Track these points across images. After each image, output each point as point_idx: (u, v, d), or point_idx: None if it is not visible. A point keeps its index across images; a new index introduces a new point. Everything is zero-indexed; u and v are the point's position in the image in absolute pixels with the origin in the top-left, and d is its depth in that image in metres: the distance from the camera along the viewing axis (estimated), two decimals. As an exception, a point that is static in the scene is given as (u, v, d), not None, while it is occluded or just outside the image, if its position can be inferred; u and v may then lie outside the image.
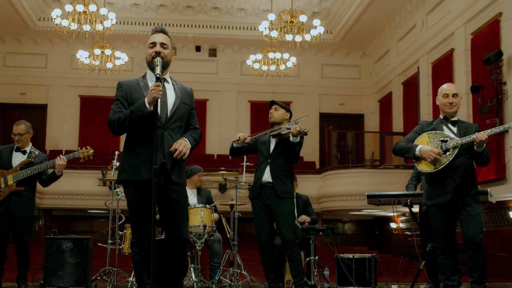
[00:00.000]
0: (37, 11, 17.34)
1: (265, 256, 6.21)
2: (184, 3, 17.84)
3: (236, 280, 7.78)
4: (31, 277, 7.37)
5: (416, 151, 5.41)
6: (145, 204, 4.32)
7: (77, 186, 15.90)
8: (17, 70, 18.70)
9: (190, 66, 18.70)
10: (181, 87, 4.66)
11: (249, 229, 17.37)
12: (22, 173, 6.89)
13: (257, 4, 17.73)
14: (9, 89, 18.68)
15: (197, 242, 7.37)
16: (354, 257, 7.74)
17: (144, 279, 4.38)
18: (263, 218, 6.18)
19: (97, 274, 7.97)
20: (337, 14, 17.61)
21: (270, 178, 6.14)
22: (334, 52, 19.61)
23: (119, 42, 18.34)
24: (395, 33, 17.30)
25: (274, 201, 6.11)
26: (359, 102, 19.90)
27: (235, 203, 8.17)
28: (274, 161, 6.19)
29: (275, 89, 18.76)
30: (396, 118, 17.42)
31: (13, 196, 6.90)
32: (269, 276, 6.25)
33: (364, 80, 19.84)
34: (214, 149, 18.90)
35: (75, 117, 18.99)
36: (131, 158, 4.43)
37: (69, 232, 10.89)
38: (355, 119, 20.14)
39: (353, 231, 19.78)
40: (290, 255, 6.10)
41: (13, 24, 17.38)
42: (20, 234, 6.98)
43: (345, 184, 15.80)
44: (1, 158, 7.05)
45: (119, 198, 8.00)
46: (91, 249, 7.13)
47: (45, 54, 19.00)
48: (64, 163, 6.92)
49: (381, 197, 7.05)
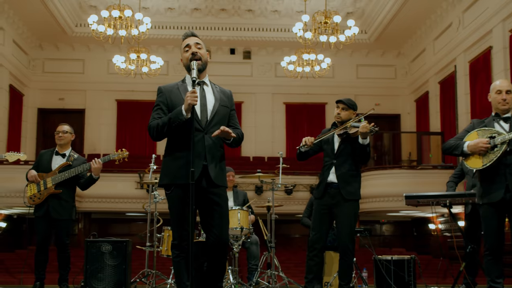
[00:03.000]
0: (74, 17, 17.62)
1: (310, 256, 6.17)
2: (218, 6, 17.91)
3: (273, 282, 7.77)
4: (72, 279, 7.47)
5: (464, 147, 5.33)
6: (186, 206, 4.33)
7: (115, 189, 16.08)
8: (55, 76, 19.03)
9: (225, 69, 18.75)
10: (220, 89, 4.68)
11: (286, 231, 17.36)
12: (60, 176, 7.00)
13: (291, 6, 17.71)
14: (48, 94, 19.01)
15: (235, 244, 7.39)
16: (392, 259, 7.64)
17: (184, 281, 4.40)
18: (322, 219, 6.15)
19: (136, 277, 8.04)
20: (371, 14, 17.49)
21: (335, 179, 6.07)
22: (369, 52, 19.48)
23: (154, 47, 18.49)
24: (431, 32, 17.09)
25: (338, 203, 6.06)
26: (395, 102, 19.72)
27: (272, 205, 8.16)
28: (339, 161, 6.11)
29: (310, 90, 18.71)
30: (433, 117, 17.21)
31: (52, 199, 7.01)
32: (308, 276, 6.20)
33: (400, 80, 19.66)
34: (250, 151, 18.91)
35: (112, 121, 19.22)
36: (172, 161, 4.47)
37: (108, 235, 11.03)
38: (391, 120, 19.94)
39: (390, 233, 19.60)
40: (343, 257, 6.08)
41: (51, 31, 17.71)
42: (60, 237, 7.09)
43: (382, 185, 15.65)
44: (41, 162, 7.19)
45: (156, 201, 8.05)
46: (130, 252, 7.19)
47: (82, 60, 19.28)
48: (100, 166, 7.01)
49: (419, 198, 6.96)
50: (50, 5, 15.91)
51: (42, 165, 7.16)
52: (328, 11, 13.79)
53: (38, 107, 19.06)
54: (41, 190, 6.99)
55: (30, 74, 18.80)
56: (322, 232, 6.17)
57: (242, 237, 7.41)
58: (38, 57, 19.05)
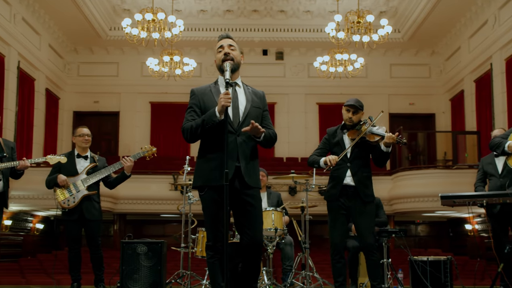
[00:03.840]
0: (108, 21, 17.83)
1: (336, 258, 6.12)
2: (250, 8, 17.93)
3: (308, 283, 7.76)
4: (108, 280, 7.55)
5: (505, 146, 5.24)
6: (220, 208, 4.36)
7: (150, 191, 16.19)
8: (90, 79, 19.28)
9: (258, 70, 18.76)
10: (252, 90, 4.69)
11: (320, 232, 17.30)
12: (91, 178, 7.11)
13: (323, 6, 17.64)
14: (83, 97, 19.26)
15: (269, 245, 7.39)
16: (428, 260, 7.56)
17: (218, 282, 4.41)
18: (340, 221, 6.11)
19: (171, 278, 8.08)
20: (405, 12, 17.33)
21: (352, 181, 6.04)
22: (402, 52, 19.31)
23: (187, 49, 18.60)
24: (465, 30, 16.86)
25: (356, 204, 6.04)
26: (430, 102, 19.50)
27: (306, 206, 8.14)
28: (354, 164, 6.07)
29: (343, 90, 18.61)
30: (469, 116, 16.97)
31: (85, 201, 7.12)
32: (338, 279, 6.15)
33: (435, 78, 19.44)
34: (283, 152, 18.89)
35: (146, 123, 19.38)
36: (205, 163, 4.50)
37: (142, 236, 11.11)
38: (426, 119, 19.74)
39: (426, 233, 19.39)
40: (370, 258, 6.05)
41: (85, 35, 17.95)
42: (93, 238, 7.19)
43: (417, 185, 15.49)
44: (64, 166, 7.21)
45: (191, 202, 8.09)
46: (165, 253, 7.24)
47: (117, 63, 19.49)
48: (132, 164, 7.15)
49: (455, 198, 6.86)
50: (85, 10, 16.13)
51: (66, 169, 7.21)
52: (361, 11, 13.71)
53: (73, 110, 19.33)
54: (73, 194, 7.07)
55: (66, 77, 19.07)
56: (342, 233, 6.16)
57: (276, 238, 7.40)
58: (73, 61, 19.31)
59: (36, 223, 17.22)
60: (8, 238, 15.44)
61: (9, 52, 14.71)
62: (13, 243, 15.87)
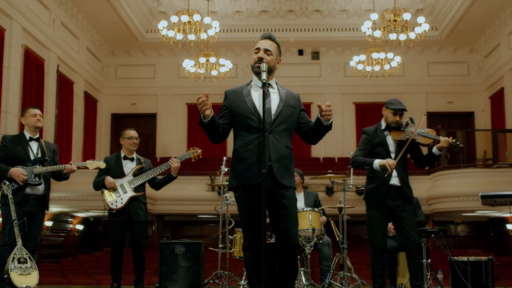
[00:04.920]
0: (145, 24, 18.01)
1: (377, 260, 6.09)
2: (286, 8, 17.91)
3: (346, 283, 7.71)
4: (147, 281, 7.62)
5: None
6: (255, 208, 4.34)
7: (187, 192, 16.29)
8: (127, 82, 19.50)
9: (293, 70, 18.74)
10: (286, 91, 4.67)
11: (358, 232, 17.18)
12: (138, 179, 7.19)
13: (359, 5, 17.53)
14: (120, 100, 19.49)
15: (306, 246, 7.36)
16: (469, 260, 7.44)
17: (256, 282, 4.41)
18: (382, 221, 6.10)
19: (209, 278, 8.12)
20: (442, 10, 17.11)
21: (398, 182, 6.05)
22: (440, 49, 19.07)
23: (223, 50, 18.66)
24: (505, 26, 16.56)
25: (399, 205, 6.04)
26: (469, 100, 19.22)
27: (344, 206, 8.10)
28: (398, 164, 6.02)
29: (379, 89, 18.47)
30: (510, 114, 16.66)
31: (132, 202, 7.20)
32: (378, 280, 6.12)
33: (473, 76, 19.15)
34: (319, 152, 18.82)
35: (183, 124, 19.51)
36: (239, 164, 4.49)
37: (180, 237, 11.18)
38: (464, 117, 19.47)
39: (466, 233, 19.11)
40: (416, 257, 6.04)
41: (123, 38, 18.17)
42: (137, 239, 7.26)
43: (456, 184, 15.28)
44: (111, 168, 7.33)
45: (228, 203, 8.10)
46: (203, 253, 7.27)
47: (153, 65, 19.67)
48: (179, 165, 7.23)
49: (496, 198, 6.74)
50: (122, 13, 16.33)
51: (113, 170, 7.32)
52: (397, 9, 13.59)
53: (111, 112, 19.58)
54: (120, 195, 7.17)
55: (104, 80, 19.33)
56: (384, 234, 6.14)
57: (313, 239, 7.37)
58: (111, 63, 19.56)
59: (76, 224, 17.49)
60: (49, 239, 15.72)
61: (48, 56, 14.96)
62: (54, 244, 16.15)
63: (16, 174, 6.33)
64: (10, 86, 12.93)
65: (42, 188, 6.55)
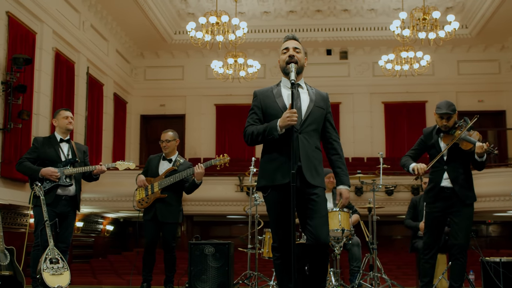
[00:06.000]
0: (173, 25, 18.11)
1: (426, 259, 6.17)
2: (314, 8, 17.87)
3: (376, 284, 7.66)
4: (177, 281, 7.66)
5: None
6: (284, 208, 4.33)
7: (216, 192, 16.32)
8: (156, 83, 19.63)
9: (322, 70, 18.68)
10: (316, 91, 4.65)
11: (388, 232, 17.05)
12: (166, 181, 7.22)
13: (388, 3, 17.41)
14: (149, 101, 19.63)
15: (336, 246, 7.33)
16: (501, 261, 7.34)
17: (285, 283, 4.40)
18: (435, 223, 6.15)
19: (238, 278, 8.13)
20: (472, 7, 16.90)
21: (449, 183, 6.05)
22: (470, 48, 18.84)
23: (251, 50, 18.68)
24: (537, 23, 16.32)
25: (453, 206, 6.05)
26: (500, 98, 18.94)
27: (373, 206, 8.05)
28: (451, 166, 6.05)
29: (409, 89, 18.32)
30: (542, 113, 16.42)
31: (158, 203, 7.24)
32: (424, 279, 6.17)
33: (505, 74, 18.87)
34: (349, 152, 18.71)
35: (212, 125, 19.57)
36: (268, 164, 4.48)
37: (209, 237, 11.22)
38: (496, 116, 19.19)
39: (498, 233, 18.85)
40: (459, 259, 6.03)
41: (151, 40, 18.30)
42: (167, 240, 7.30)
43: (487, 184, 15.05)
44: (150, 167, 7.50)
45: (257, 203, 8.10)
46: (232, 254, 7.28)
47: (182, 66, 19.77)
48: (203, 171, 7.16)
49: (529, 197, 6.65)
50: (150, 15, 16.44)
51: (151, 170, 7.47)
52: (426, 7, 13.46)
53: (140, 113, 19.72)
54: (148, 195, 7.24)
55: (133, 82, 19.49)
56: (436, 235, 6.17)
57: (343, 239, 7.34)
58: (140, 65, 19.71)
59: (106, 225, 17.66)
60: (80, 240, 15.90)
61: (78, 59, 15.13)
62: (85, 244, 16.33)
63: (49, 173, 6.42)
64: (42, 89, 13.12)
65: (73, 189, 6.63)
